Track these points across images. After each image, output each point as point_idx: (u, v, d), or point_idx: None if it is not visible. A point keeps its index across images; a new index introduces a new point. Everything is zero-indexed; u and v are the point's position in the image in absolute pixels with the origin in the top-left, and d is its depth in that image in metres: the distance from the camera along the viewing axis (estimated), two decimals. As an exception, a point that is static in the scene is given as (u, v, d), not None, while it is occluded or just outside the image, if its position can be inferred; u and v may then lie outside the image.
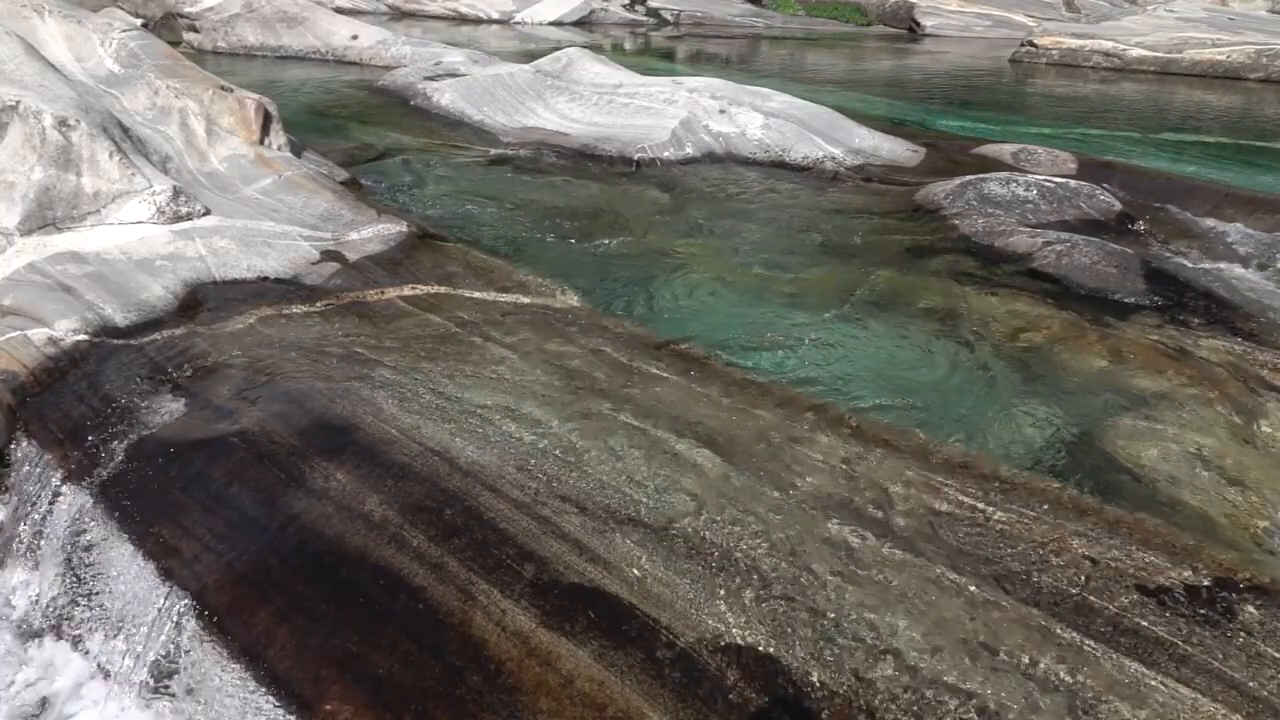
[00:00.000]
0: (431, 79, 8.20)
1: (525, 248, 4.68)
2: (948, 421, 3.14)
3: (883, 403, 3.26)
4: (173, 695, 2.06)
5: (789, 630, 1.98)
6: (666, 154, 6.50)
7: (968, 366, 3.56)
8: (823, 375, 3.45)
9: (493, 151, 6.64)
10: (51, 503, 2.49)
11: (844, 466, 2.55)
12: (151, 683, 2.10)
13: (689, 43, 16.72)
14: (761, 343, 3.71)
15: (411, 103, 7.87)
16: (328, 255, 3.90)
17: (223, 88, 4.94)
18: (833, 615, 2.02)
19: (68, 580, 2.36)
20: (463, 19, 17.24)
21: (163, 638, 2.11)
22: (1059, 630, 2.00)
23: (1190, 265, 4.58)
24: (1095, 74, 13.84)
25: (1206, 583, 2.16)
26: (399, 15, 17.02)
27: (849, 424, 2.80)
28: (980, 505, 2.41)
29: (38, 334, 3.03)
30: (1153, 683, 1.88)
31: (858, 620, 2.01)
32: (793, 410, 2.85)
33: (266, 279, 3.64)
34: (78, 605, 2.32)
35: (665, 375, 3.02)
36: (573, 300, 3.64)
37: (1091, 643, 1.97)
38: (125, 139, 4.14)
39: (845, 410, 2.94)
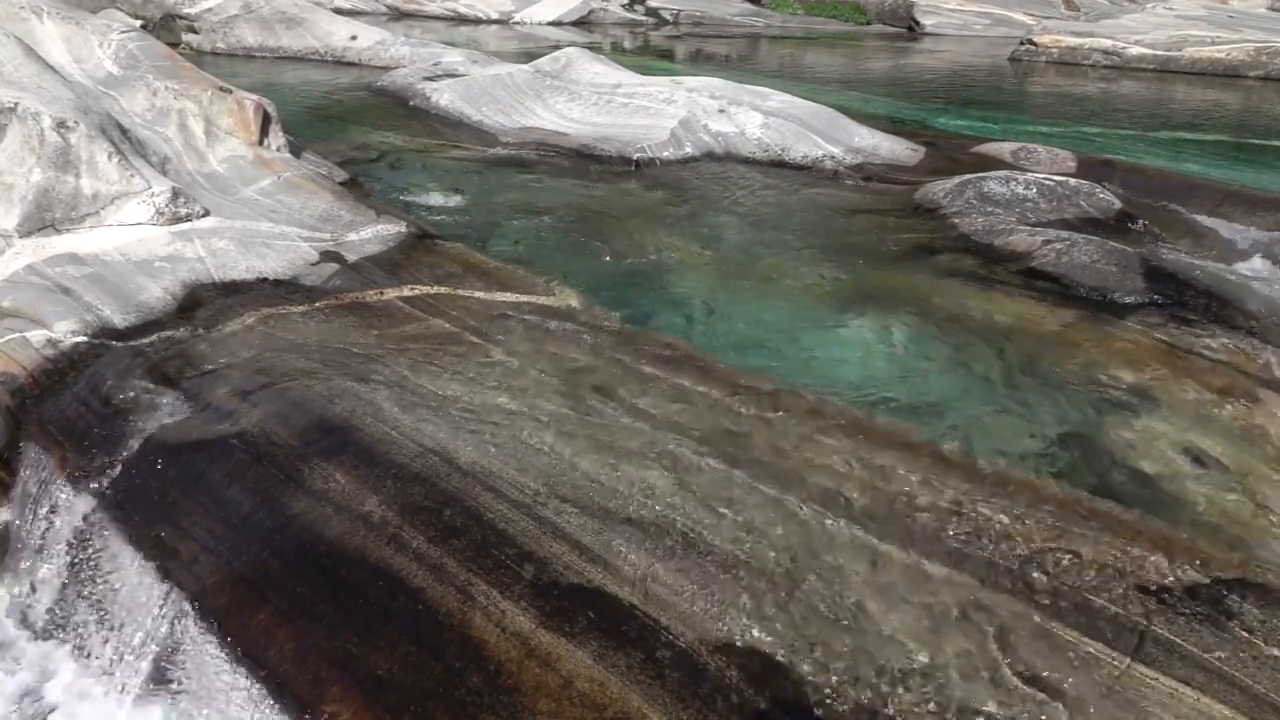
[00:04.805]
0: (430, 79, 8.19)
1: (524, 248, 4.68)
2: (946, 420, 3.14)
3: (881, 401, 3.26)
4: (172, 695, 2.06)
5: (789, 631, 1.98)
6: (666, 154, 6.49)
7: (966, 365, 3.56)
8: (821, 375, 3.45)
9: (491, 152, 6.64)
10: (52, 505, 2.49)
11: (845, 466, 2.54)
12: (151, 683, 2.09)
13: (688, 42, 16.72)
14: (760, 342, 3.71)
15: (410, 103, 7.87)
16: (327, 256, 3.90)
17: (221, 89, 4.94)
18: (832, 614, 2.02)
19: (68, 581, 2.36)
20: (461, 19, 17.23)
21: (162, 638, 2.11)
22: (1059, 629, 2.00)
23: (1190, 263, 4.57)
24: (1095, 72, 13.83)
25: (1206, 582, 2.16)
26: (398, 16, 17.00)
27: (848, 423, 2.80)
28: (978, 504, 2.40)
29: (37, 336, 3.03)
30: (1153, 682, 1.88)
31: (855, 619, 2.01)
32: (793, 410, 2.85)
33: (265, 280, 3.63)
34: (78, 606, 2.32)
35: (664, 375, 3.01)
36: (571, 301, 3.64)
37: (1091, 641, 1.97)
38: (124, 140, 4.14)
39: (844, 409, 2.93)
